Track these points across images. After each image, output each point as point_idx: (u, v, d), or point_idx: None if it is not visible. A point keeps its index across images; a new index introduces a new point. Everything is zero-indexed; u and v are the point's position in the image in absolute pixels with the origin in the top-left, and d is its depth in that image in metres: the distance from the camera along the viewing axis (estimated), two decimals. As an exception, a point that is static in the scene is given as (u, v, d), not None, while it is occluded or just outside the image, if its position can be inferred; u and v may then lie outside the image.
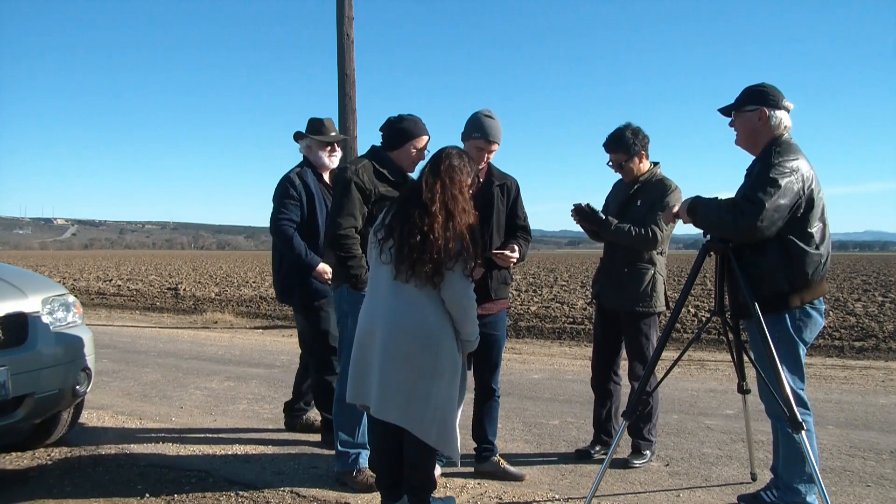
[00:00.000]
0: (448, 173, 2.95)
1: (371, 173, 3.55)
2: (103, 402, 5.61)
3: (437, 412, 2.93)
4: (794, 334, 3.05)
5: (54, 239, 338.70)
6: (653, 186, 3.93)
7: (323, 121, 4.55)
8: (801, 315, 3.06)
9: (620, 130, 3.92)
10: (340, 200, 3.50)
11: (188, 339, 10.00)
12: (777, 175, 2.94)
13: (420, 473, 3.05)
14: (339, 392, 3.63)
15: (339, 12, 10.54)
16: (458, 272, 2.89)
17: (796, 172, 2.97)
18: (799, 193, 2.97)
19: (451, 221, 2.88)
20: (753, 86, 3.21)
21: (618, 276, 3.94)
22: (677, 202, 3.69)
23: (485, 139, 3.59)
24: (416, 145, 3.64)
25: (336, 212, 3.51)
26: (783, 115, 3.14)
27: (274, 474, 3.84)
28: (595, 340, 4.24)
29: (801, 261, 3.01)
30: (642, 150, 3.93)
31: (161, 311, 15.20)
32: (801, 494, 3.06)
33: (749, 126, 3.18)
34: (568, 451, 4.30)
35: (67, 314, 4.00)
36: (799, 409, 2.99)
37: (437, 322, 2.92)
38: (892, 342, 9.53)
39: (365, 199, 3.51)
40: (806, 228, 3.02)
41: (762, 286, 3.04)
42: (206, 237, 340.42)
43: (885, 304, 15.02)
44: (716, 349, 8.89)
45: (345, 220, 3.47)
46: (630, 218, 3.88)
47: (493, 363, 3.77)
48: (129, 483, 3.71)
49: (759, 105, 3.14)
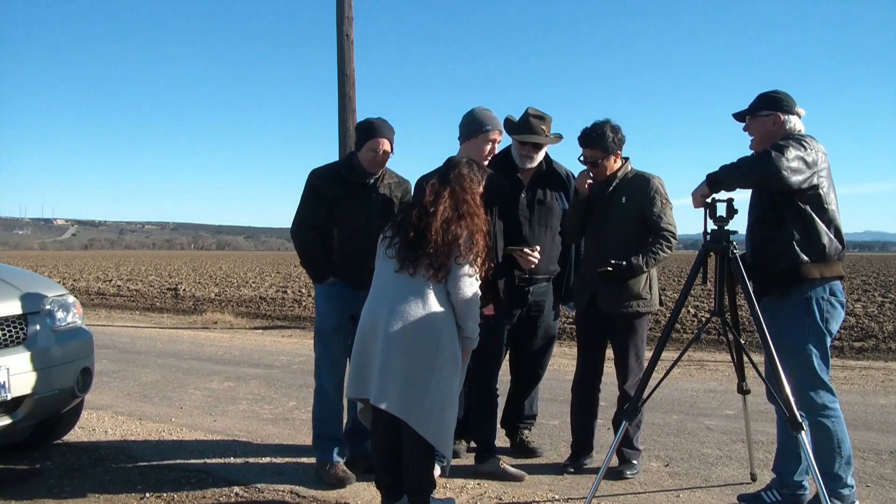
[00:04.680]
0: (458, 181, 3.14)
1: (330, 178, 3.80)
2: (103, 402, 5.61)
3: (436, 405, 2.97)
4: (822, 325, 3.13)
5: (54, 239, 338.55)
6: (632, 182, 3.79)
7: (527, 117, 4.07)
8: (826, 306, 3.13)
9: (601, 126, 3.73)
10: (301, 200, 3.87)
11: (188, 339, 10.00)
12: (796, 140, 3.07)
13: (418, 473, 3.06)
14: (318, 385, 3.83)
15: (338, 13, 10.53)
16: (467, 268, 3.02)
17: (814, 146, 3.08)
18: (817, 160, 3.07)
19: (462, 221, 3.05)
20: (768, 92, 3.31)
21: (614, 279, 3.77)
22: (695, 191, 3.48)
23: (495, 129, 3.73)
24: (371, 147, 3.73)
25: (297, 210, 3.88)
26: (796, 120, 3.25)
27: (274, 474, 3.85)
28: (584, 346, 3.98)
29: (817, 232, 3.11)
30: (618, 150, 3.80)
31: (161, 312, 15.20)
32: (843, 479, 3.12)
33: (763, 130, 3.27)
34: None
35: (67, 314, 4.00)
36: (826, 396, 3.11)
37: (440, 314, 3.01)
38: (891, 342, 9.52)
39: (320, 200, 3.78)
40: (822, 203, 3.12)
41: (780, 259, 3.14)
42: (205, 237, 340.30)
43: (885, 304, 15.02)
44: (716, 349, 8.89)
45: (302, 218, 3.84)
46: (615, 217, 3.75)
47: (492, 363, 3.78)
48: (129, 483, 3.71)
49: (773, 110, 3.24)
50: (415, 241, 3.03)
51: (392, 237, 3.14)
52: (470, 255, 3.03)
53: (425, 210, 3.08)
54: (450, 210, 3.07)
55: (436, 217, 3.04)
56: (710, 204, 3.23)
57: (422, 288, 3.02)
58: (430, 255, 2.99)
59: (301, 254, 3.85)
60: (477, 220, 3.10)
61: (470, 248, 3.02)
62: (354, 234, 3.75)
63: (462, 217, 3.07)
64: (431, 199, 3.10)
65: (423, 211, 3.08)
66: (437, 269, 3.00)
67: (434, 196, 3.10)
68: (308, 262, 3.85)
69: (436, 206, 3.06)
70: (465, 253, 3.01)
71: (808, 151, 3.04)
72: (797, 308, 3.14)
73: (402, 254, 3.06)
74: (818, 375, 3.12)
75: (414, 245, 3.03)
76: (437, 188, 3.14)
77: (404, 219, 3.14)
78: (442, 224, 3.02)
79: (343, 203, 3.76)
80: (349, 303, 3.74)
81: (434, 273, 3.00)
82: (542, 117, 3.96)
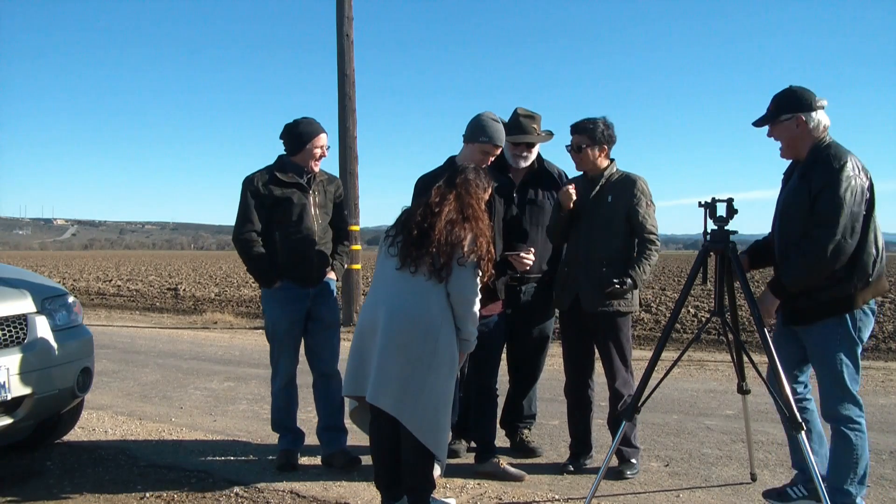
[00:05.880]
0: (464, 186, 3.19)
1: (266, 181, 3.85)
2: (103, 402, 5.61)
3: (430, 405, 2.98)
4: (854, 335, 3.02)
5: (54, 239, 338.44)
6: (618, 182, 3.80)
7: (517, 117, 4.19)
8: (860, 315, 3.02)
9: (594, 119, 3.78)
10: (239, 207, 3.91)
11: (188, 339, 10.00)
12: (836, 191, 2.86)
13: (418, 473, 3.06)
14: (276, 388, 3.98)
15: (338, 13, 10.54)
16: (469, 268, 3.03)
17: (853, 176, 2.90)
18: (863, 192, 2.91)
19: (466, 224, 3.08)
20: (782, 92, 3.10)
21: (597, 277, 3.73)
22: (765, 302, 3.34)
23: (492, 143, 3.68)
24: (315, 144, 3.87)
25: (237, 217, 3.92)
26: (821, 116, 3.03)
27: (274, 474, 3.84)
28: (569, 346, 3.99)
29: (864, 260, 2.96)
30: (605, 145, 3.79)
31: (161, 312, 15.19)
32: (853, 496, 3.04)
33: (788, 135, 3.08)
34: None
35: (67, 314, 4.00)
36: (854, 409, 3.01)
37: (440, 314, 3.03)
38: (892, 342, 9.52)
39: (260, 204, 3.84)
40: (867, 229, 2.95)
41: (828, 290, 2.98)
42: (206, 237, 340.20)
43: (885, 304, 15.02)
44: (716, 349, 8.88)
45: (243, 224, 3.87)
46: (601, 216, 3.76)
47: (491, 363, 3.78)
48: (129, 483, 3.72)
49: (794, 112, 3.03)
50: (418, 239, 3.05)
51: (395, 235, 3.16)
52: (473, 256, 3.04)
53: (430, 210, 3.10)
54: (454, 212, 3.09)
55: (440, 217, 3.06)
56: (711, 204, 3.22)
57: (422, 287, 3.03)
58: (433, 254, 3.00)
59: (246, 261, 3.89)
60: (481, 224, 3.12)
61: (473, 250, 3.04)
62: (297, 234, 3.84)
63: (467, 220, 3.09)
64: (437, 200, 3.13)
65: (428, 210, 3.11)
66: (438, 268, 3.01)
67: (440, 198, 3.14)
68: (254, 269, 3.92)
69: (441, 207, 3.09)
70: (468, 255, 3.02)
71: (849, 195, 2.84)
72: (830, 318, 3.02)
73: (404, 251, 3.07)
74: (847, 387, 3.01)
75: (417, 243, 3.05)
76: (444, 190, 3.18)
77: (408, 217, 3.16)
78: (446, 224, 3.04)
79: (282, 205, 3.83)
80: (301, 301, 3.88)
81: (436, 272, 3.01)
82: (532, 116, 4.07)
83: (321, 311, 3.98)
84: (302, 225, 3.85)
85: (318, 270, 3.93)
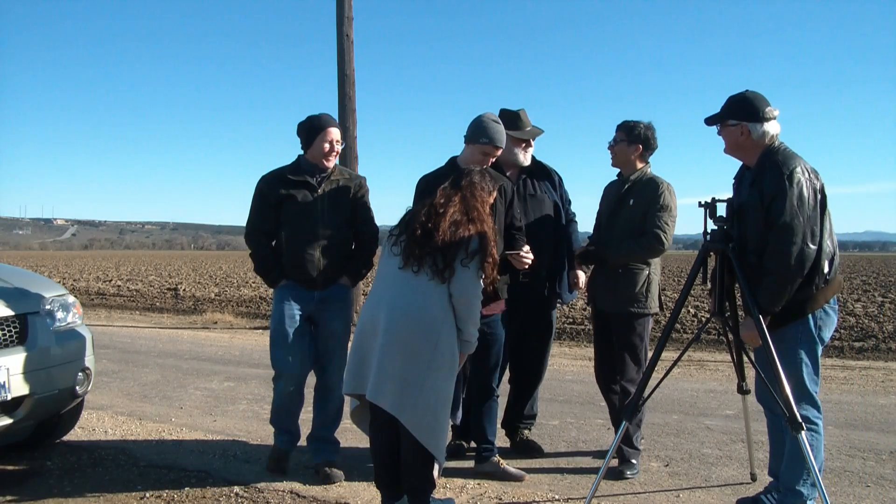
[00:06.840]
0: (469, 188, 3.21)
1: (275, 181, 3.84)
2: (103, 402, 5.61)
3: (429, 404, 2.98)
4: (815, 334, 3.05)
5: (54, 239, 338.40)
6: (644, 185, 3.88)
7: (518, 113, 4.20)
8: (821, 314, 3.05)
9: (640, 122, 3.92)
10: (250, 209, 3.95)
11: (188, 339, 10.00)
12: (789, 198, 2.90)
13: (418, 473, 3.06)
14: (278, 389, 3.86)
15: (338, 13, 10.55)
16: (472, 269, 3.04)
17: (803, 181, 2.93)
18: (816, 195, 2.95)
19: (471, 225, 3.09)
20: (735, 97, 3.14)
21: (612, 278, 3.86)
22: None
23: (492, 145, 3.71)
24: (325, 138, 3.78)
25: (248, 219, 3.96)
26: (767, 127, 3.06)
27: (274, 474, 3.84)
28: (595, 345, 4.15)
29: (822, 261, 2.98)
30: (640, 145, 3.87)
31: (161, 312, 15.20)
32: (804, 497, 3.05)
33: (732, 140, 3.16)
34: (568, 451, 4.31)
35: (67, 314, 3.99)
36: (812, 411, 3.03)
37: (441, 313, 3.03)
38: (891, 342, 9.52)
39: (267, 203, 3.84)
40: (822, 230, 2.97)
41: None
42: (206, 237, 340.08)
43: (885, 304, 15.02)
44: (716, 349, 8.89)
45: (250, 223, 3.92)
46: (623, 218, 3.86)
47: (492, 363, 3.78)
48: (128, 483, 3.72)
49: (739, 120, 3.08)
50: (422, 238, 3.06)
51: (399, 234, 3.17)
52: (476, 257, 3.04)
53: (435, 210, 3.12)
54: (459, 213, 3.10)
55: (445, 218, 3.07)
56: (711, 204, 3.22)
57: (424, 286, 3.03)
58: (436, 253, 3.01)
59: (254, 259, 3.90)
60: (485, 226, 3.13)
61: (476, 251, 3.04)
62: (301, 234, 3.77)
63: (472, 222, 3.10)
64: (442, 201, 3.15)
65: (432, 210, 3.12)
66: (441, 268, 3.01)
67: (445, 199, 3.16)
68: (260, 268, 3.91)
69: (446, 208, 3.10)
70: (471, 256, 3.03)
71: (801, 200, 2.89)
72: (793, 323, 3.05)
73: (407, 250, 3.08)
74: (806, 387, 3.04)
75: (421, 242, 3.05)
76: (449, 192, 3.19)
77: (413, 217, 3.17)
78: (450, 225, 3.06)
79: (288, 204, 3.78)
80: (304, 303, 3.81)
81: (438, 273, 3.01)
82: (519, 114, 4.19)
83: (325, 318, 3.85)
84: (305, 224, 3.76)
85: (323, 273, 3.78)
